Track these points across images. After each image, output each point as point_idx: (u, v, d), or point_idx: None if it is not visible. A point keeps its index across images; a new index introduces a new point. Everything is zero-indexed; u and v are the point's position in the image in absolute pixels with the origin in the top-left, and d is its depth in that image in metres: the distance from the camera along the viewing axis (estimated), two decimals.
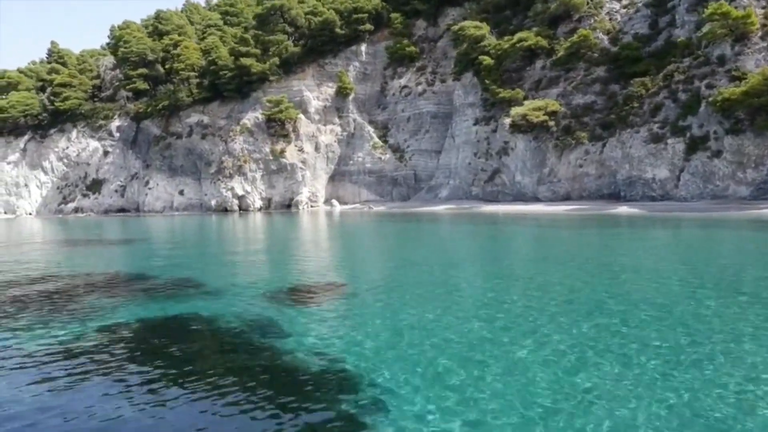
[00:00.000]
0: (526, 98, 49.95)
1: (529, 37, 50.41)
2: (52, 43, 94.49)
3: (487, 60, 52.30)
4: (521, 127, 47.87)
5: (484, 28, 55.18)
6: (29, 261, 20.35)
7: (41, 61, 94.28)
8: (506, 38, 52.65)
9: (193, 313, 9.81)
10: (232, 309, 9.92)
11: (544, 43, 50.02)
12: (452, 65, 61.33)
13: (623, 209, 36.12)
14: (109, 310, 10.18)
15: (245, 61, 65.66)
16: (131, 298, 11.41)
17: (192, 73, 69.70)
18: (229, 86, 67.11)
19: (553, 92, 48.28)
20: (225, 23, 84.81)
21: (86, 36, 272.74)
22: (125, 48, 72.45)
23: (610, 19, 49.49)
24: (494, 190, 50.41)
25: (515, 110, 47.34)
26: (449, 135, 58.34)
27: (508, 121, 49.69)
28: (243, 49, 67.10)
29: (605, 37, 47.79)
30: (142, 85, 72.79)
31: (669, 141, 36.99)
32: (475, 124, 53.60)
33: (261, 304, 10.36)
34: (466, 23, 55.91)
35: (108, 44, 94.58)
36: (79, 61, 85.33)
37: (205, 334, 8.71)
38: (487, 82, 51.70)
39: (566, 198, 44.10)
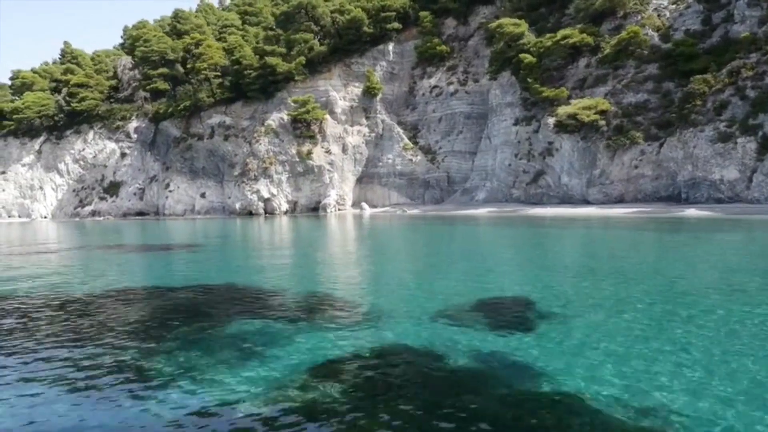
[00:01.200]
0: (569, 97, 48.29)
1: (573, 34, 48.67)
2: (65, 43, 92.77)
3: (528, 58, 50.54)
4: (567, 126, 46.11)
5: (523, 26, 53.47)
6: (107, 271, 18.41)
7: (54, 62, 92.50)
8: (547, 36, 50.92)
9: (381, 345, 7.89)
10: (432, 338, 8.01)
11: (589, 40, 48.29)
12: (485, 64, 59.70)
13: (691, 212, 34.28)
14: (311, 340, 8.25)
15: (271, 60, 63.83)
16: (311, 325, 9.48)
17: (215, 73, 67.80)
18: (253, 86, 65.25)
19: (601, 91, 46.53)
20: (244, 23, 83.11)
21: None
22: (145, 47, 70.59)
23: (659, 16, 47.79)
24: (538, 193, 48.55)
25: (563, 109, 45.57)
26: (485, 136, 56.53)
27: (552, 120, 47.95)
28: (268, 48, 65.31)
29: (655, 34, 46.06)
30: (162, 84, 70.94)
31: (739, 140, 35.19)
32: (515, 125, 51.78)
33: (458, 328, 8.46)
34: (504, 20, 54.17)
35: (122, 44, 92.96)
36: (94, 61, 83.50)
37: (435, 376, 6.74)
38: (529, 80, 49.92)
39: (619, 200, 42.26)
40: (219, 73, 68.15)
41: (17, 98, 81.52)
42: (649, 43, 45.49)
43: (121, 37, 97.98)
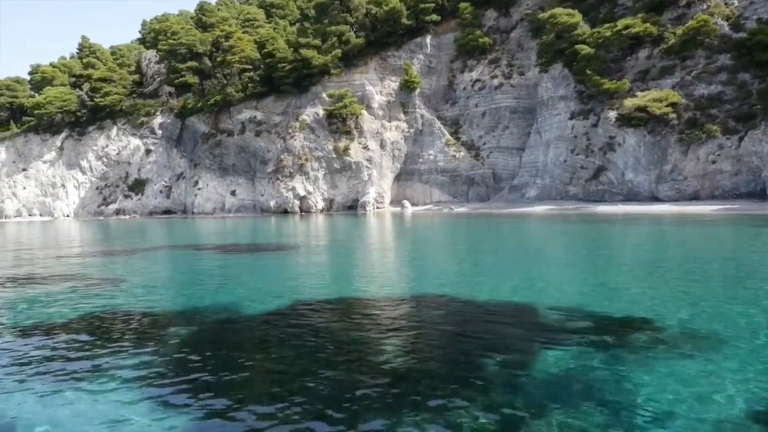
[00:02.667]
0: (630, 90, 46.16)
1: (635, 23, 46.50)
2: (83, 37, 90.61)
3: (585, 49, 48.36)
4: (632, 120, 43.96)
5: (577, 16, 51.33)
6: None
7: (71, 57, 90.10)
8: (605, 26, 48.75)
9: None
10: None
11: (653, 29, 46.11)
12: (531, 57, 57.55)
13: None
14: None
15: (306, 52, 61.57)
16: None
17: (246, 66, 65.47)
18: (287, 80, 62.98)
19: (667, 82, 44.36)
20: (269, 16, 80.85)
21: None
22: (173, 39, 68.26)
23: (726, 4, 45.65)
24: (599, 189, 46.37)
25: (630, 102, 43.41)
26: (534, 131, 54.35)
27: (613, 114, 45.80)
28: (303, 40, 63.06)
29: (725, 23, 43.90)
30: (191, 78, 68.59)
31: None
32: (570, 119, 49.59)
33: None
34: (557, 11, 52.00)
35: (142, 39, 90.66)
36: (115, 56, 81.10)
37: None
38: (588, 72, 47.68)
39: (694, 197, 40.11)
40: (250, 67, 65.80)
41: (36, 94, 79.23)
42: (718, 32, 43.34)
43: (140, 31, 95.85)
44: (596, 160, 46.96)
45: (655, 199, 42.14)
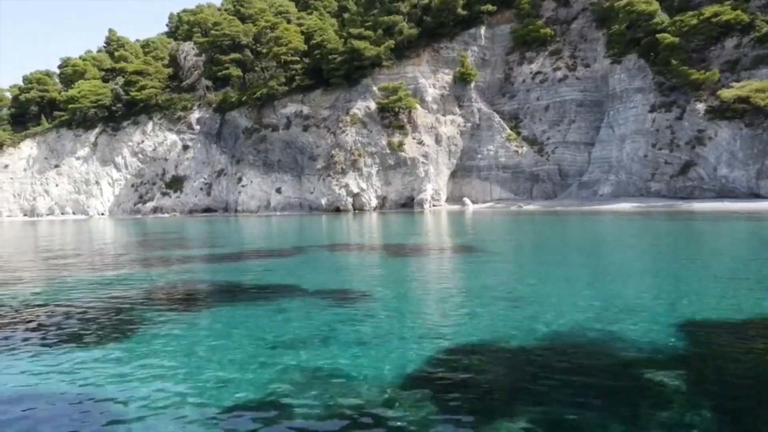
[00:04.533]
0: (718, 81, 43.82)
1: (724, 11, 44.13)
2: (110, 30, 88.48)
3: (668, 38, 45.96)
4: (725, 112, 41.61)
5: (654, 4, 48.95)
6: None
7: (98, 50, 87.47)
8: (689, 14, 46.38)
9: None
10: None
11: (744, 17, 43.74)
12: (597, 48, 55.29)
13: None
14: None
15: (358, 44, 59.04)
16: None
17: (294, 58, 62.85)
18: (337, 72, 60.42)
19: (763, 72, 41.99)
20: (305, 8, 78.15)
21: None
22: (216, 31, 65.59)
23: None
24: (687, 186, 43.95)
25: (727, 93, 41.03)
26: (605, 124, 51.93)
27: (701, 106, 43.48)
28: (354, 30, 60.51)
29: None
30: (235, 71, 65.87)
31: None
32: (650, 111, 47.19)
33: None
34: None
35: (171, 32, 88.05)
36: (149, 48, 78.37)
37: None
38: (674, 62, 45.26)
39: None
40: (298, 59, 63.19)
41: (65, 88, 76.59)
42: None
43: (167, 25, 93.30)
44: (682, 155, 44.57)
45: (755, 195, 39.75)
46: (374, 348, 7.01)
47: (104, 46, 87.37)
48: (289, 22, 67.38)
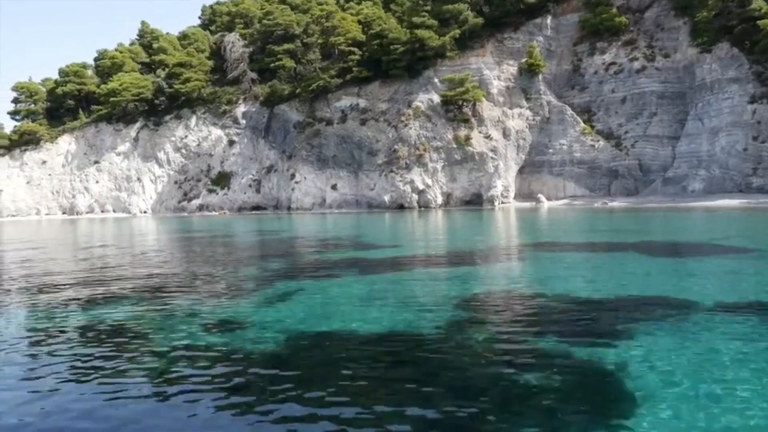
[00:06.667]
0: None
1: None
2: (143, 23, 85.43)
3: None
4: None
5: None
6: None
7: (131, 43, 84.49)
8: None
9: None
10: None
11: None
12: (677, 37, 52.84)
13: None
14: None
15: (422, 33, 56.27)
16: None
17: (352, 48, 59.98)
18: (399, 63, 57.61)
19: None
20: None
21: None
22: (268, 20, 62.71)
23: None
24: None
25: None
26: (693, 117, 49.32)
27: None
28: (417, 19, 57.71)
29: None
30: (288, 62, 62.97)
31: None
32: (750, 103, 44.62)
33: None
34: None
35: (205, 24, 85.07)
36: (188, 40, 75.33)
37: None
38: None
39: None
40: (356, 49, 60.32)
41: (102, 81, 73.59)
42: None
43: (200, 17, 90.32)
44: None
45: None
46: None
47: (137, 39, 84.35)
48: (344, 10, 64.44)
